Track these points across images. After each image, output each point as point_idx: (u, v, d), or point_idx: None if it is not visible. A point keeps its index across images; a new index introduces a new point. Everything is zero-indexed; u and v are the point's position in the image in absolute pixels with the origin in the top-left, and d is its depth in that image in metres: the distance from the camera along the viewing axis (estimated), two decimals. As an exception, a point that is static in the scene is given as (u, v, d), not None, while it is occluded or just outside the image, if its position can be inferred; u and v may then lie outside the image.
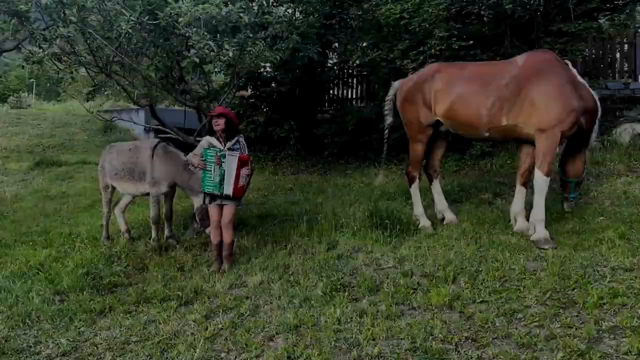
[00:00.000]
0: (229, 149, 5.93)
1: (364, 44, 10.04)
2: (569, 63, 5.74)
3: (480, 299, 4.49)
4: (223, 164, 5.78)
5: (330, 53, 11.70)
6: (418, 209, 6.59)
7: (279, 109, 12.84)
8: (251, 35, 5.82)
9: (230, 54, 5.61)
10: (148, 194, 7.20)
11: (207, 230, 6.79)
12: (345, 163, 11.96)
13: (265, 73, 12.87)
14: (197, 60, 5.38)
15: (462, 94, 5.95)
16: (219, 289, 5.41)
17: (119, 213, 7.73)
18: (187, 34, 5.25)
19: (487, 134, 5.92)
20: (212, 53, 5.30)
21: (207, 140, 6.14)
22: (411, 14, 8.78)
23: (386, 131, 6.91)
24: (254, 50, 5.82)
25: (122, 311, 5.09)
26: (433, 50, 8.28)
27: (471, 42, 8.21)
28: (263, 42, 5.94)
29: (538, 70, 5.64)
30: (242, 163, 5.84)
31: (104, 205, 7.77)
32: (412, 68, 8.74)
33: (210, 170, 5.86)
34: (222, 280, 5.64)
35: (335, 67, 12.44)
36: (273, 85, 12.83)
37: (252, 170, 6.03)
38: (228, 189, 5.81)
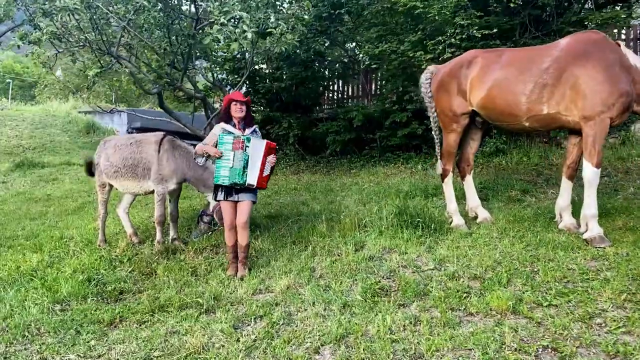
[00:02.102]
0: None
1: (373, 36, 9.56)
2: (621, 44, 5.30)
3: (547, 303, 4.01)
4: (247, 148, 5.19)
5: (335, 47, 11.15)
6: (451, 206, 6.11)
7: (277, 106, 12.29)
8: (272, 15, 5.28)
9: (249, 36, 5.06)
10: (152, 192, 6.59)
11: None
12: (348, 162, 11.47)
13: (262, 69, 12.32)
14: (221, 37, 4.82)
15: (499, 80, 5.49)
16: (242, 295, 4.84)
17: (123, 214, 7.08)
18: (207, 9, 4.70)
19: (527, 124, 5.46)
20: (237, 30, 4.76)
21: (220, 127, 5.53)
22: (425, 3, 8.32)
23: (434, 114, 6.30)
24: (275, 31, 5.28)
25: (135, 321, 4.49)
26: (453, 40, 7.82)
27: (495, 30, 7.79)
28: (284, 23, 5.40)
29: (582, 53, 5.19)
30: (269, 150, 5.29)
31: (100, 206, 7.11)
32: (428, 59, 8.29)
33: (228, 159, 5.26)
34: (243, 285, 5.07)
35: (343, 61, 11.88)
36: (269, 81, 12.26)
37: (275, 161, 5.48)
38: (252, 179, 5.23)
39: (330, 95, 13.67)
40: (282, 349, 3.75)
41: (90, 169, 7.26)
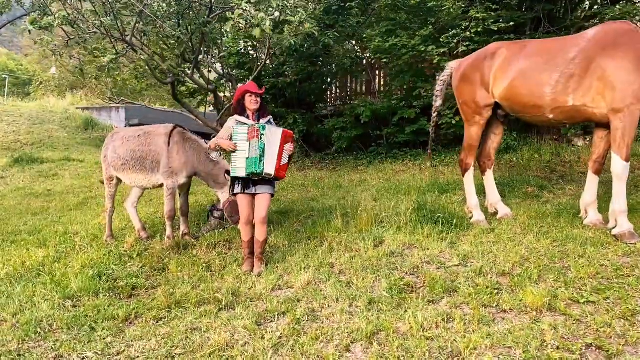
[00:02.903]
0: None
1: (383, 30, 9.40)
2: (652, 35, 5.14)
3: (584, 299, 3.86)
4: (263, 136, 5.01)
5: (343, 41, 10.93)
6: (472, 201, 5.95)
7: (281, 102, 12.11)
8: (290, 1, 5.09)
9: (268, 23, 4.88)
10: (161, 186, 6.41)
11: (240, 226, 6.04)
12: (354, 159, 11.30)
13: (266, 64, 12.11)
14: (243, 22, 4.64)
15: (523, 71, 5.34)
16: (261, 291, 4.67)
17: (131, 209, 6.89)
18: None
19: (551, 116, 5.31)
20: (260, 15, 4.58)
21: (234, 119, 5.34)
22: (436, -4, 8.18)
23: (434, 114, 6.27)
24: (294, 19, 5.09)
25: (152, 318, 4.31)
26: (468, 33, 7.67)
27: (511, 23, 7.64)
28: (304, 11, 5.21)
29: (611, 43, 5.03)
30: (285, 137, 5.10)
31: (107, 200, 6.92)
32: (442, 53, 8.14)
33: (244, 150, 5.07)
34: (261, 281, 4.90)
35: (350, 57, 11.67)
36: (274, 77, 12.05)
37: (293, 150, 5.29)
38: (269, 167, 5.04)
39: (336, 91, 13.48)
40: (311, 346, 3.58)
41: None
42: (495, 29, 7.54)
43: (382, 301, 4.17)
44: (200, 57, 6.72)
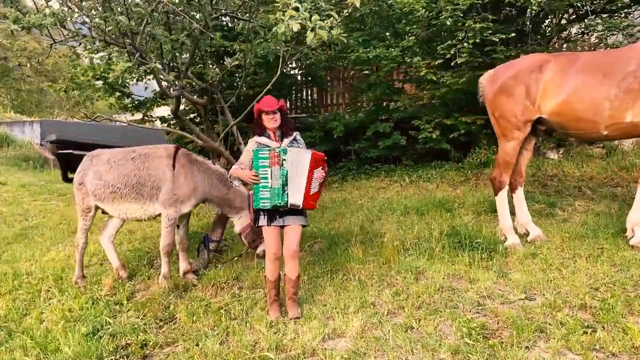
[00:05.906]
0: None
1: (359, 40, 8.90)
2: None
3: (698, 337, 3.50)
4: (284, 162, 4.31)
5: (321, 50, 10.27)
6: (505, 223, 5.53)
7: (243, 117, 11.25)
8: (323, 4, 4.43)
9: (295, 29, 4.21)
10: (156, 217, 5.48)
11: (259, 251, 5.31)
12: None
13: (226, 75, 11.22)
14: (298, 26, 3.91)
15: (580, 84, 5.03)
16: (310, 343, 3.93)
17: (108, 244, 5.87)
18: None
19: (605, 132, 5.05)
20: (315, 16, 3.88)
21: (254, 141, 4.63)
22: (424, 6, 7.81)
23: None
24: (323, 24, 4.43)
25: (192, 390, 3.46)
26: (465, 44, 7.33)
27: (513, 34, 7.40)
28: (337, 15, 4.56)
29: None
30: (315, 162, 4.39)
31: (79, 234, 5.83)
32: (433, 65, 7.77)
33: (267, 178, 4.36)
34: (303, 329, 4.15)
35: (321, 67, 11.00)
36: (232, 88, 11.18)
37: (325, 176, 4.59)
38: (296, 198, 4.33)
39: (299, 103, 12.79)
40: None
41: (66, 171, 6.13)
42: (497, 40, 7.28)
43: (470, 350, 3.60)
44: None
